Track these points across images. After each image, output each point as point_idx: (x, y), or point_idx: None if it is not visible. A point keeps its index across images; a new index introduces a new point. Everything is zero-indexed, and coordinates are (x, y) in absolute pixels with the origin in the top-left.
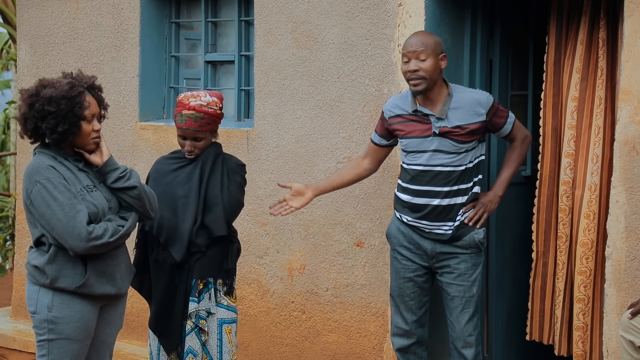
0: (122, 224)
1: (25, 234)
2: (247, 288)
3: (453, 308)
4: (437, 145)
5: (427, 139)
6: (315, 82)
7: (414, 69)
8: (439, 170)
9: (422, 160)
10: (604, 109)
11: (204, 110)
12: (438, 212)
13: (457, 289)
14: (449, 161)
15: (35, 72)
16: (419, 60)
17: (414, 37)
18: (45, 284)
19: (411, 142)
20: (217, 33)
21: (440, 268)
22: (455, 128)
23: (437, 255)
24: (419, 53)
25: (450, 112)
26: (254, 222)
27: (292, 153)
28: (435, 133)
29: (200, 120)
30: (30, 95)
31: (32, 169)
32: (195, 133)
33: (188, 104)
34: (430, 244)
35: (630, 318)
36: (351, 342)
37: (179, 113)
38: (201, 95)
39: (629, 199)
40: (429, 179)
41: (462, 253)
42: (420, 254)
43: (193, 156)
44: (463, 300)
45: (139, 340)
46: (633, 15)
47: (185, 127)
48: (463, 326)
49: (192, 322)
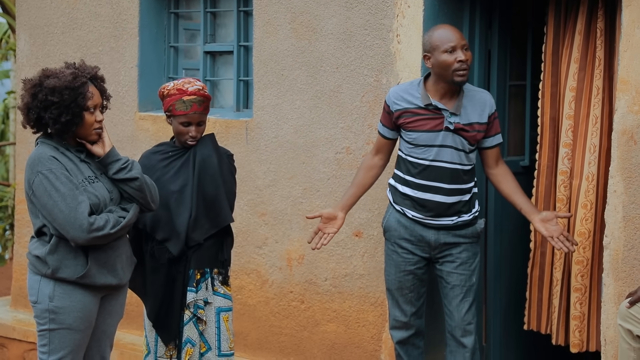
0: (124, 215)
1: (25, 223)
2: (246, 278)
3: (453, 297)
4: (448, 141)
5: (438, 133)
6: (314, 73)
7: (464, 59)
8: (447, 166)
9: (431, 155)
10: (602, 98)
11: (202, 93)
12: (443, 208)
13: (458, 277)
14: (457, 158)
15: (35, 62)
16: (465, 51)
17: (450, 30)
18: (47, 274)
19: (421, 135)
20: (216, 23)
21: (441, 257)
22: (467, 125)
23: (441, 245)
24: (464, 44)
25: (463, 108)
26: (252, 212)
27: (291, 143)
28: (449, 128)
29: (203, 104)
30: (33, 85)
31: (35, 159)
32: (200, 117)
33: (187, 90)
34: (434, 234)
35: (629, 307)
36: (350, 331)
37: (179, 100)
38: (192, 81)
39: (626, 189)
40: (436, 174)
41: (463, 242)
42: (423, 246)
43: (195, 142)
44: (464, 289)
45: (139, 330)
46: (631, 5)
47: (192, 112)
48: (463, 315)
49: (191, 312)
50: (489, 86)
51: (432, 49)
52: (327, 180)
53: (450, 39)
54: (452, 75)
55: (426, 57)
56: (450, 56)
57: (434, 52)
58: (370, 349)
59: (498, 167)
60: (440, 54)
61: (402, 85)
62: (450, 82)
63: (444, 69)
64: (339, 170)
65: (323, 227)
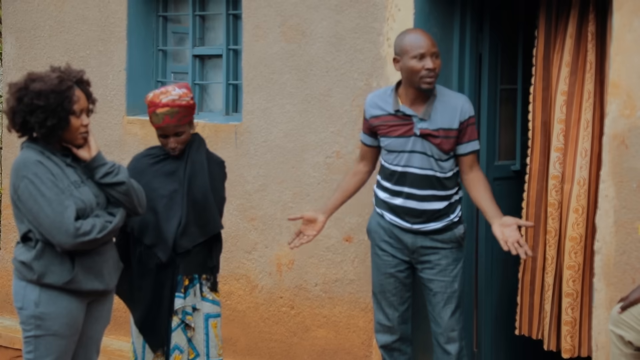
0: (110, 219)
1: (11, 229)
2: (235, 283)
3: (435, 304)
4: (418, 147)
5: (409, 139)
6: (303, 77)
7: (432, 67)
8: (417, 172)
9: (402, 161)
10: (593, 103)
11: (177, 104)
12: (415, 214)
13: (439, 284)
14: (427, 164)
15: (21, 65)
16: (435, 58)
17: (422, 36)
18: (33, 280)
19: (392, 142)
20: (204, 27)
21: (420, 263)
22: (435, 131)
23: (418, 249)
24: (434, 52)
25: (434, 113)
26: (242, 217)
27: (280, 147)
28: (416, 134)
29: (176, 115)
30: (19, 89)
31: (20, 164)
32: (175, 129)
33: (160, 102)
34: (411, 238)
35: (620, 312)
36: (340, 337)
37: (153, 113)
38: (169, 90)
39: (618, 193)
40: (407, 180)
41: (442, 248)
42: (401, 248)
43: (177, 152)
44: (445, 295)
45: (126, 336)
46: (622, 9)
47: (164, 125)
48: (446, 322)
49: (179, 318)
50: (480, 90)
51: (402, 53)
52: (317, 185)
53: (421, 45)
54: (419, 81)
55: (395, 61)
56: (418, 63)
57: (403, 57)
58: (360, 355)
59: (471, 173)
60: (409, 60)
61: (377, 92)
62: (417, 89)
63: (412, 74)
64: (329, 175)
65: (304, 229)
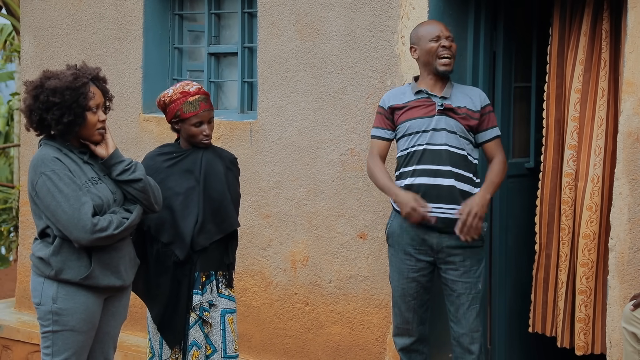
0: (127, 216)
1: (29, 225)
2: (250, 280)
3: (460, 305)
4: (442, 124)
5: (431, 118)
6: (318, 74)
7: (448, 45)
8: (441, 149)
9: (425, 140)
10: (607, 100)
11: (204, 91)
12: (441, 191)
13: (464, 286)
14: (453, 141)
15: (39, 63)
16: (449, 40)
17: (436, 22)
18: (50, 276)
19: (413, 122)
20: (220, 25)
21: (445, 264)
22: (458, 107)
23: (443, 249)
24: (449, 35)
25: (454, 95)
26: (257, 214)
27: (295, 145)
28: (440, 110)
29: (208, 101)
30: (34, 87)
31: (38, 161)
32: (209, 114)
33: (190, 91)
34: (436, 238)
35: (633, 310)
36: (354, 334)
37: (186, 102)
38: (189, 82)
39: (632, 191)
40: (432, 157)
41: (467, 247)
42: (425, 249)
43: (209, 140)
44: (470, 297)
45: (143, 332)
46: (637, 6)
47: (201, 110)
48: (471, 323)
49: (196, 314)
50: (494, 88)
51: (418, 40)
52: (331, 182)
53: (436, 29)
54: (437, 62)
55: (412, 49)
56: (435, 43)
57: (420, 42)
58: (374, 351)
59: (496, 159)
60: (426, 43)
61: (394, 89)
62: (435, 71)
63: (429, 55)
64: (343, 172)
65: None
